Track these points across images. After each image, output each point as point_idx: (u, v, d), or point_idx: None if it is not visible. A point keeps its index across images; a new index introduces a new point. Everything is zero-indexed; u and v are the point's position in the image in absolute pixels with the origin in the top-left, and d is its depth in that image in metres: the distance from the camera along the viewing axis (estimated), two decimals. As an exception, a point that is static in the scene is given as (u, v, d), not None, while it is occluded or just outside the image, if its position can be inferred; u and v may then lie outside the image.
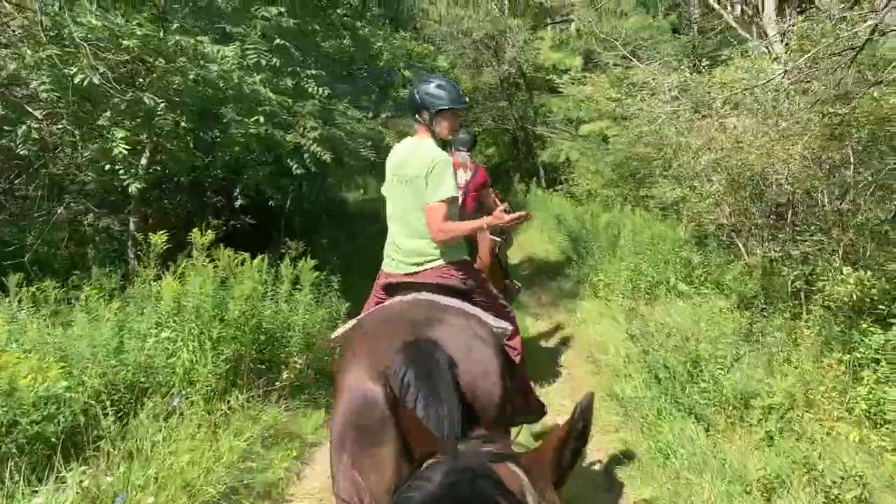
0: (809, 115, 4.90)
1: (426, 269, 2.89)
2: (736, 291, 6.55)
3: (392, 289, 2.93)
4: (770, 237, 6.76)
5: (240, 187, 5.94)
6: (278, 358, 4.82)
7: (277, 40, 6.12)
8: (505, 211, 3.07)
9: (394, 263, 2.97)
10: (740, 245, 6.88)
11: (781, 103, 5.64)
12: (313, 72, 6.48)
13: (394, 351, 1.93)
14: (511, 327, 2.84)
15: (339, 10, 8.72)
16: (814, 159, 5.35)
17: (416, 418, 1.27)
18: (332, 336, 2.80)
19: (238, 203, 5.94)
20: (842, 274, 4.40)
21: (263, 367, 4.84)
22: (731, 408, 4.16)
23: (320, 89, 6.28)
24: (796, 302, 5.91)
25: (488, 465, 0.92)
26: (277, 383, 4.55)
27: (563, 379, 5.75)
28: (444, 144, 3.14)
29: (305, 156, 5.86)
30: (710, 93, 7.21)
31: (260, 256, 4.95)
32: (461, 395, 1.79)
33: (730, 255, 7.20)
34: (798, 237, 5.64)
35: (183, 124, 5.49)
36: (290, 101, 6.05)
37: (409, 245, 2.93)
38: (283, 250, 6.04)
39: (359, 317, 2.76)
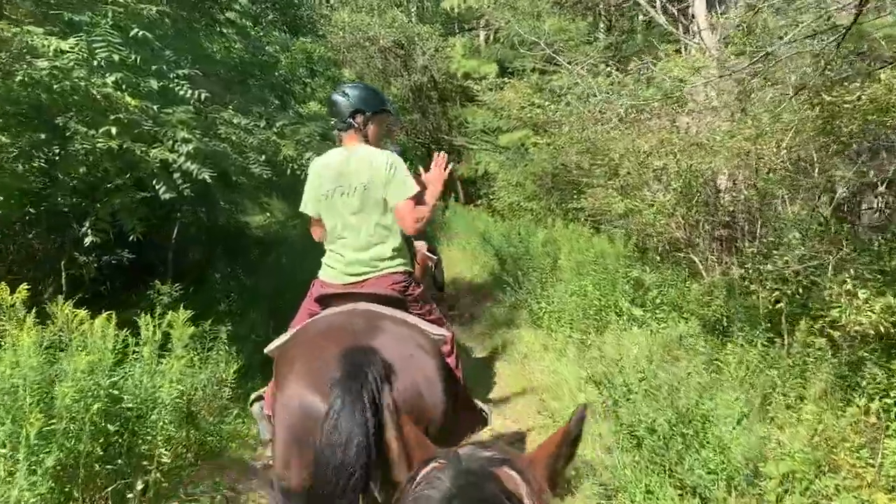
0: (798, 106, 4.09)
1: (367, 280, 2.78)
2: (697, 315, 5.74)
3: (327, 300, 2.79)
4: (729, 250, 6.00)
5: (90, 219, 4.58)
6: (137, 451, 3.51)
7: (136, 30, 4.82)
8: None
9: (333, 272, 2.83)
10: (697, 261, 6.08)
11: (752, 96, 4.85)
12: (186, 71, 5.20)
13: (334, 360, 1.92)
14: (448, 334, 2.73)
15: (223, 7, 7.46)
16: (791, 159, 4.59)
17: (412, 426, 1.15)
18: (267, 350, 2.70)
19: (88, 241, 4.57)
20: (857, 298, 3.57)
21: (119, 463, 3.52)
22: (744, 482, 3.22)
23: (196, 92, 5.01)
24: (768, 324, 5.15)
25: (490, 469, 0.95)
26: (130, 495, 3.25)
27: (514, 437, 4.69)
28: None
29: (176, 175, 4.58)
30: (644, 99, 6.43)
31: (106, 313, 3.63)
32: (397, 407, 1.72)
33: (682, 272, 6.41)
34: (774, 251, 4.85)
35: (1, 139, 4.12)
36: (154, 107, 4.76)
37: (354, 256, 2.81)
38: (153, 297, 4.72)
39: (293, 329, 2.66)
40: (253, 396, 2.93)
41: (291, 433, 2.05)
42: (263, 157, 5.58)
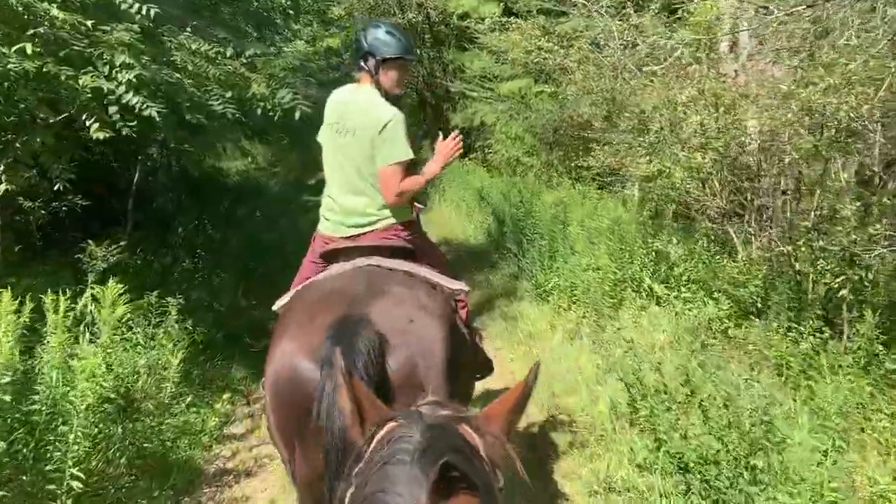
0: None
1: (368, 232, 2.64)
2: (729, 295, 4.98)
3: (331, 255, 2.65)
4: (770, 222, 5.20)
5: (5, 161, 3.66)
6: (42, 473, 2.69)
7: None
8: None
9: (331, 225, 2.71)
10: (732, 233, 5.27)
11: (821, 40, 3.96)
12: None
13: (326, 327, 1.87)
14: (466, 287, 2.65)
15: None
16: (871, 118, 3.76)
17: (364, 388, 1.13)
18: (274, 307, 2.54)
19: (2, 188, 3.67)
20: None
21: (23, 481, 2.71)
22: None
23: (143, 7, 4.04)
24: (820, 312, 4.41)
25: (452, 425, 0.99)
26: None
27: (523, 441, 3.92)
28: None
29: (112, 109, 3.65)
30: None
31: (-5, 292, 2.76)
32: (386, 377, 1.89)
33: (711, 245, 5.60)
34: (838, 228, 4.05)
35: None
36: (89, 23, 3.79)
37: (348, 203, 2.68)
38: (83, 261, 3.85)
39: (297, 286, 2.54)
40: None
41: (279, 397, 1.99)
42: (230, 93, 4.64)
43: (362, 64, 2.76)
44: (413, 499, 0.86)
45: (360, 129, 2.64)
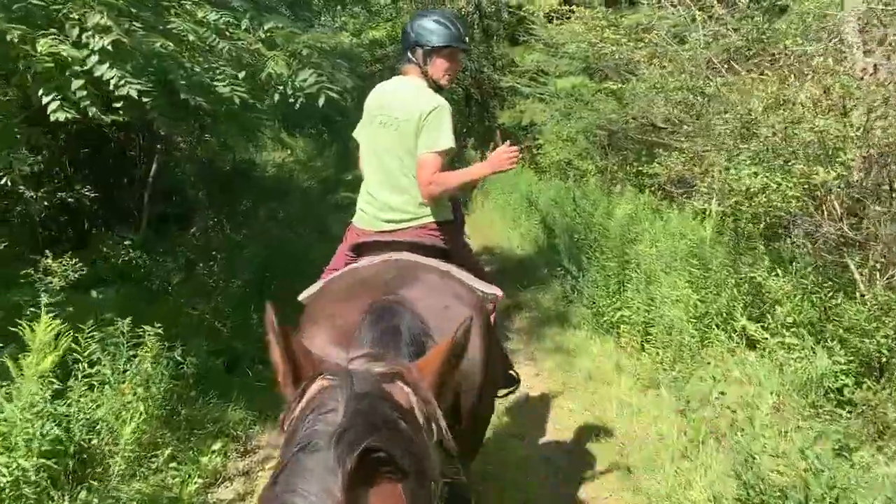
0: None
1: (405, 228, 2.56)
2: (848, 345, 4.00)
3: (362, 249, 2.60)
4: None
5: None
6: None
7: None
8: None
9: (366, 218, 2.65)
10: (853, 268, 4.24)
11: None
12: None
13: (359, 313, 1.72)
14: (500, 293, 2.47)
15: None
16: None
17: (298, 340, 1.10)
18: (301, 297, 2.43)
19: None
20: None
21: None
22: None
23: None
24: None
25: (382, 387, 0.96)
26: None
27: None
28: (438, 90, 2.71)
29: (76, 83, 2.83)
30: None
31: None
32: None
33: (819, 278, 4.58)
34: None
35: None
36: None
37: (385, 197, 2.61)
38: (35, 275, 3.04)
39: (325, 279, 2.49)
40: None
41: None
42: (242, 73, 3.80)
43: (409, 56, 2.70)
44: (325, 495, 0.79)
45: (403, 120, 2.54)
